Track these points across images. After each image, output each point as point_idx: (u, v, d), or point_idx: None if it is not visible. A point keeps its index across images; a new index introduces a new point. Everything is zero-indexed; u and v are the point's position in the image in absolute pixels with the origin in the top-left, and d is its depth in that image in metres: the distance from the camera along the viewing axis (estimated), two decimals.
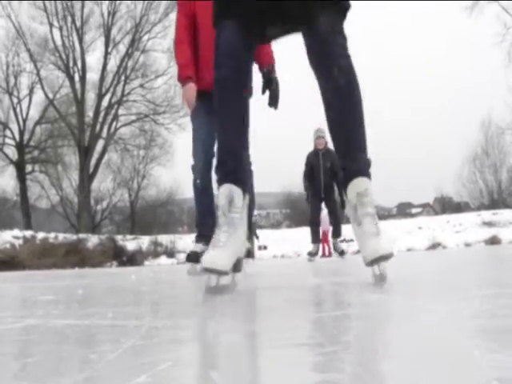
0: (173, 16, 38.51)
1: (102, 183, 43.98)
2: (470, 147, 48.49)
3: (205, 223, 5.05)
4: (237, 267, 2.86)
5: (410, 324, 1.55)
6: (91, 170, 38.75)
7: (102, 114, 38.81)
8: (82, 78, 38.91)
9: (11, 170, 40.12)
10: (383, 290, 2.58)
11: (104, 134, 38.98)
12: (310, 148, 10.95)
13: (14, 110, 40.12)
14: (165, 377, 1.02)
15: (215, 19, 2.83)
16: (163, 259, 25.08)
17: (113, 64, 39.58)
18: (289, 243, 28.49)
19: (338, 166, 8.01)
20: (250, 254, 5.12)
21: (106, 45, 39.18)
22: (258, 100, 4.85)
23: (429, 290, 2.67)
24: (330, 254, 20.09)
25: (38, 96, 40.43)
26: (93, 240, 24.21)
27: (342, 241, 27.24)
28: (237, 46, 2.75)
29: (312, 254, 11.00)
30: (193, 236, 6.05)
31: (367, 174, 2.82)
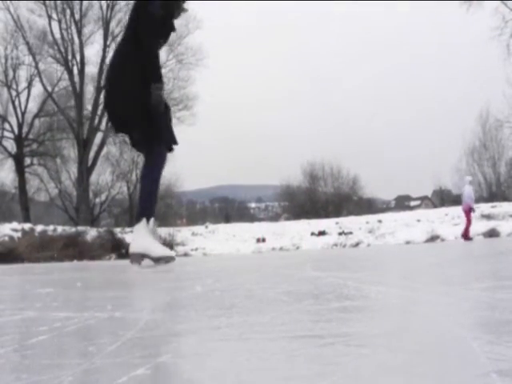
0: None
1: (101, 176, 43.98)
2: (468, 140, 48.49)
3: None
4: None
5: (408, 316, 1.55)
6: (90, 162, 38.71)
7: (100, 107, 38.72)
8: (81, 71, 38.82)
9: (10, 163, 40.08)
10: (382, 282, 2.59)
11: (103, 126, 38.89)
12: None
13: (13, 103, 40.03)
14: (164, 369, 1.02)
15: None
16: None
17: None
18: (287, 236, 28.52)
19: None
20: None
21: (105, 38, 39.07)
22: None
23: (427, 283, 2.67)
24: (467, 235, 18.33)
25: (37, 89, 40.39)
26: (91, 233, 24.22)
27: (340, 233, 27.01)
28: None
29: None
30: (192, 229, 6.14)
31: None
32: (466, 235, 18.65)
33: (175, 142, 5.14)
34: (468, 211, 18.70)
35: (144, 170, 5.08)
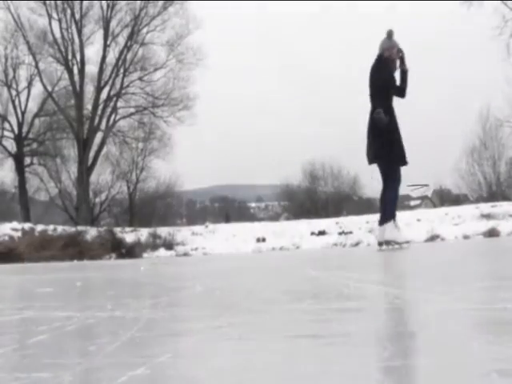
0: (172, 9, 38.48)
1: (101, 176, 43.76)
2: (468, 139, 48.43)
3: None
4: None
5: (408, 316, 1.55)
6: (90, 162, 38.60)
7: (100, 107, 38.64)
8: (81, 71, 38.72)
9: (10, 163, 39.96)
10: (382, 282, 2.58)
11: (103, 126, 38.80)
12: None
13: (13, 102, 39.90)
14: (163, 369, 1.02)
15: None
16: (162, 251, 25.10)
17: (112, 57, 39.39)
18: (288, 235, 28.49)
19: None
20: None
21: (105, 37, 38.98)
22: None
23: (428, 283, 2.67)
24: None
25: (37, 89, 40.25)
26: (91, 232, 24.17)
27: (340, 233, 26.79)
28: None
29: None
30: (192, 229, 6.27)
31: None
32: None
33: (404, 162, 6.81)
34: None
35: (389, 184, 6.89)
